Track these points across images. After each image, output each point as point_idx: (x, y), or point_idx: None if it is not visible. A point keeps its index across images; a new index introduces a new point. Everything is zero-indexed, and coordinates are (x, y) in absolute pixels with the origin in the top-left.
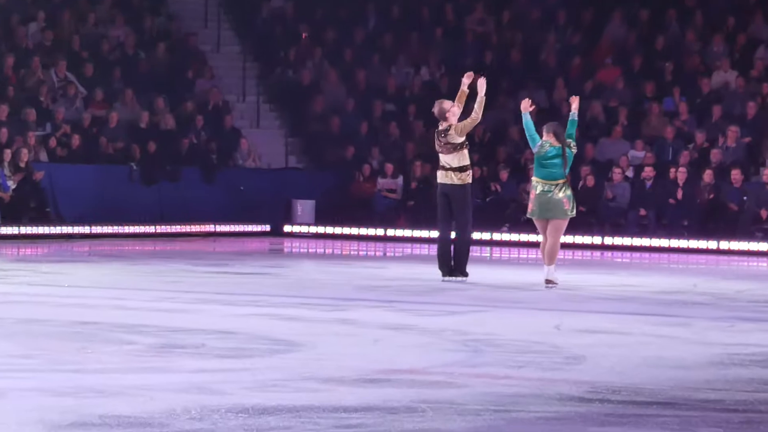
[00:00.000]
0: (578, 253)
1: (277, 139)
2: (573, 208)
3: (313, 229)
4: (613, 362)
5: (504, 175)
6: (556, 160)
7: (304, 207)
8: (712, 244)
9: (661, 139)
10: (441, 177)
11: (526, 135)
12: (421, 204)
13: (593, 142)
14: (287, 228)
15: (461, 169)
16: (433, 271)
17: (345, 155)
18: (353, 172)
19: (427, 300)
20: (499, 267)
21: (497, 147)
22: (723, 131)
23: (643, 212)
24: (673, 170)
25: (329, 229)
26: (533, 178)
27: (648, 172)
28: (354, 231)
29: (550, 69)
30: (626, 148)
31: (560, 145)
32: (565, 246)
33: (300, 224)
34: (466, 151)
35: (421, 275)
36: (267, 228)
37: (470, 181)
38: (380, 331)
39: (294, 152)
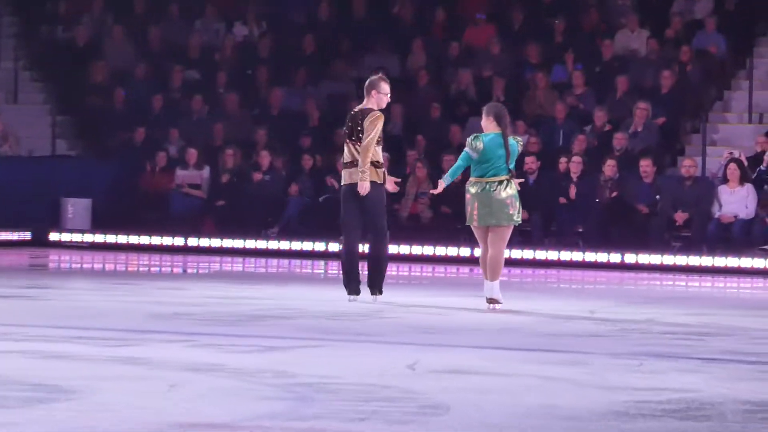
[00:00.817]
0: (440, 269)
1: (40, 117)
2: (518, 212)
3: (88, 238)
4: (485, 413)
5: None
6: (499, 152)
7: (76, 208)
8: (614, 257)
9: (549, 120)
10: (347, 175)
11: (454, 170)
12: (234, 204)
13: (460, 124)
14: (54, 236)
15: (375, 165)
16: (248, 293)
17: (132, 139)
18: (143, 161)
19: (239, 332)
20: (336, 287)
21: (334, 129)
22: (630, 109)
23: (524, 215)
24: (564, 161)
25: (110, 238)
26: (469, 180)
27: (530, 163)
28: (144, 240)
29: (405, 26)
30: None
31: (501, 131)
32: (415, 259)
33: (71, 231)
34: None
35: (234, 298)
36: (27, 236)
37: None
38: (177, 374)
39: (64, 135)
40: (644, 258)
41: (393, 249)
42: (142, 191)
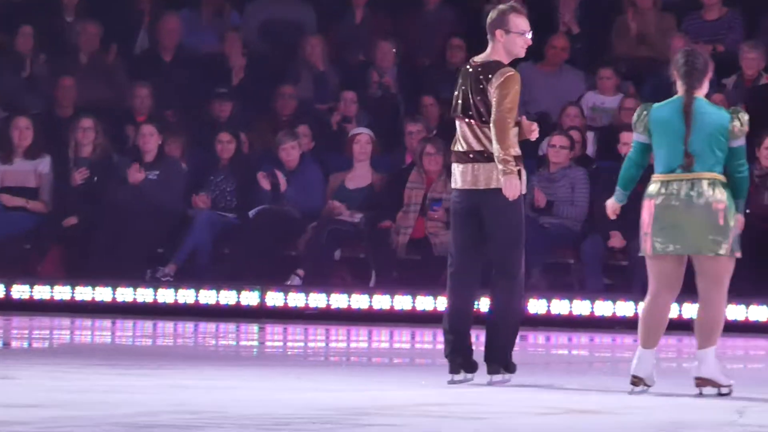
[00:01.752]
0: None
1: None
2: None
3: None
4: None
5: None
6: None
7: None
8: None
9: (660, 66)
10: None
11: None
12: (95, 223)
13: None
14: None
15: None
16: (122, 387)
17: None
18: None
19: None
20: (291, 373)
21: (275, 86)
22: None
23: (617, 240)
24: None
25: None
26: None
27: (629, 143)
28: None
29: None
30: (579, 87)
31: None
32: (429, 319)
33: None
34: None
35: (98, 395)
36: None
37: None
38: None
39: None
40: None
41: (380, 302)
42: None
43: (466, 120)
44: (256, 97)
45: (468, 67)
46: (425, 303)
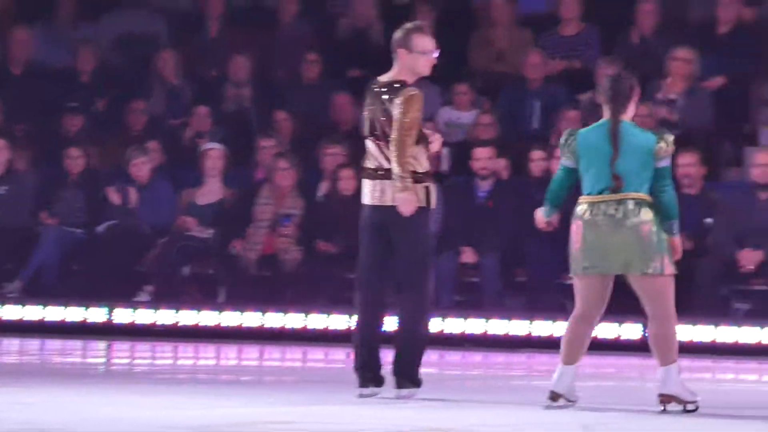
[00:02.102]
0: (316, 353)
1: None
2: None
3: None
4: None
5: None
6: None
7: None
8: (629, 331)
9: (516, 82)
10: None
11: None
12: None
13: (353, 91)
14: None
15: (415, 178)
16: None
17: None
18: None
19: None
20: (148, 392)
21: (127, 100)
22: (661, 60)
23: (469, 256)
24: (539, 156)
25: None
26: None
27: (481, 159)
28: None
29: None
30: (434, 103)
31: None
32: (275, 336)
33: None
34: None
35: None
36: None
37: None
38: None
39: None
40: (685, 331)
41: (229, 319)
42: None
43: (373, 139)
44: (107, 111)
45: (374, 86)
46: (274, 320)
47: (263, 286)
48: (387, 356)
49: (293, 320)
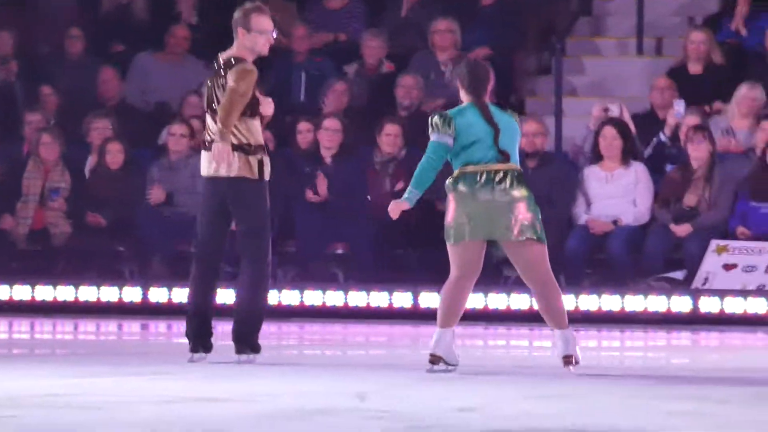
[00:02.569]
0: (87, 326)
1: None
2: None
3: None
4: None
5: None
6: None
7: None
8: (402, 299)
9: (280, 53)
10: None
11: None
12: None
13: (116, 64)
14: None
15: (246, 150)
16: None
17: None
18: None
19: None
20: None
21: None
22: (424, 32)
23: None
24: (306, 128)
25: None
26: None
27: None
28: None
29: None
30: (198, 77)
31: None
32: (42, 309)
33: None
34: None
35: None
36: None
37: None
38: None
39: None
40: None
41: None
42: None
43: (210, 113)
44: None
45: (214, 63)
46: (45, 293)
47: (33, 260)
48: (223, 327)
49: (64, 293)
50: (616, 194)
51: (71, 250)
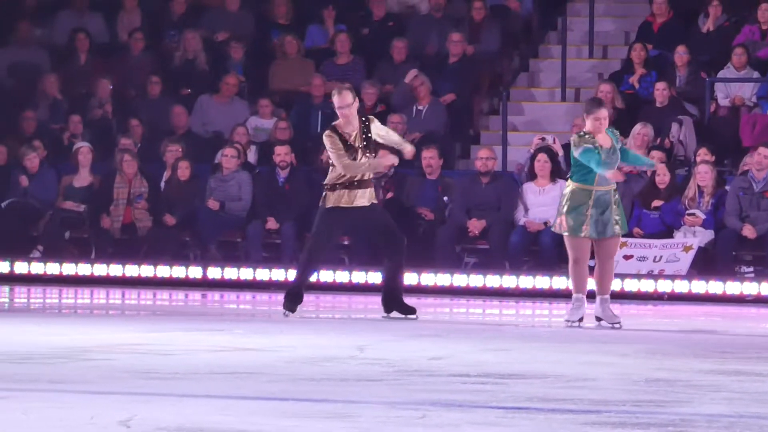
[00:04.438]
0: (163, 294)
1: None
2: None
3: None
4: None
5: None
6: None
7: None
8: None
9: (303, 98)
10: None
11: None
12: None
13: (186, 104)
14: None
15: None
16: None
17: None
18: None
19: None
20: (26, 319)
21: (19, 112)
22: (409, 84)
23: (272, 224)
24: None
25: None
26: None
27: (282, 154)
28: None
29: None
30: (244, 113)
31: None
32: (131, 282)
33: None
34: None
35: None
36: None
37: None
38: None
39: None
40: (429, 278)
41: (99, 269)
42: None
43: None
44: (5, 120)
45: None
46: (131, 270)
47: (125, 246)
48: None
49: (146, 271)
50: (546, 203)
51: (151, 239)
